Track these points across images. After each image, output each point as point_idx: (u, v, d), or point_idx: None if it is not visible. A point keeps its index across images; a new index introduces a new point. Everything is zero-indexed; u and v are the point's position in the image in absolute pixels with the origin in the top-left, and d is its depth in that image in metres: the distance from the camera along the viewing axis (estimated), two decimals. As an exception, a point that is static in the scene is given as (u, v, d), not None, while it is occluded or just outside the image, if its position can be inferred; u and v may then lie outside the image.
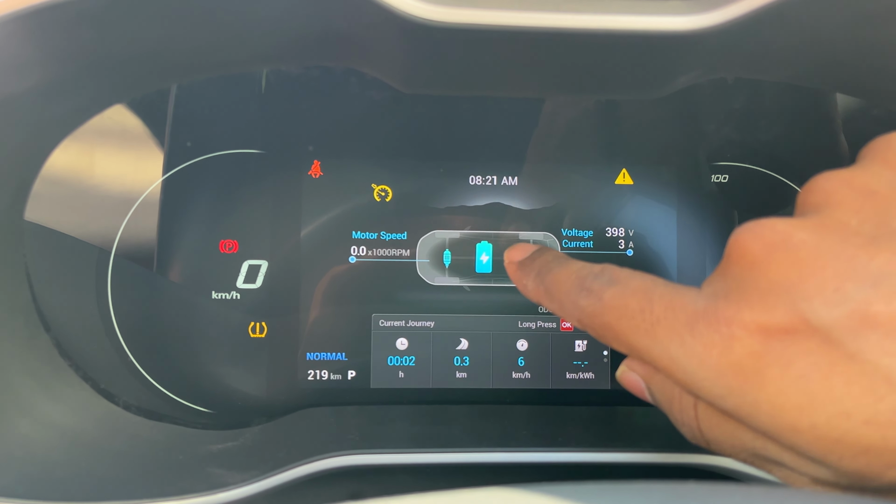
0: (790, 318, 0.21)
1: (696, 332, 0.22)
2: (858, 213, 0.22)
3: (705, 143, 0.48)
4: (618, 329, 0.25)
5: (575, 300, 0.27)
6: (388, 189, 0.46)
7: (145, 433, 0.41)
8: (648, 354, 0.24)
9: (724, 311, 0.22)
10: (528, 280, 0.31)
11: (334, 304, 0.46)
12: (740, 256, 0.23)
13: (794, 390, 0.21)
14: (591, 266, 0.28)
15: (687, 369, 0.23)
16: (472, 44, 0.29)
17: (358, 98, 0.46)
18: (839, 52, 0.31)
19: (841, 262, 0.21)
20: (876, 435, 0.20)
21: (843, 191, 0.23)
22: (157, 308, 0.45)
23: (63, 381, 0.40)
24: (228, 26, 0.30)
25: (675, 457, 0.37)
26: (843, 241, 0.21)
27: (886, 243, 0.21)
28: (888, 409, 0.20)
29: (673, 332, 0.23)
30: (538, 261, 0.31)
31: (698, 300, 0.23)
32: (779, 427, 0.21)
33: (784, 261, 0.22)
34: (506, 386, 0.46)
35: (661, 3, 0.28)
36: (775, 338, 0.21)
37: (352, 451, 0.37)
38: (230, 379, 0.45)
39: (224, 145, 0.45)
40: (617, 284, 0.26)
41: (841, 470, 0.21)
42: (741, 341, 0.21)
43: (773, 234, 0.22)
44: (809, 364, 0.21)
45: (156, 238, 0.45)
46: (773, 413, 0.21)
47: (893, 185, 0.23)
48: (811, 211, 0.23)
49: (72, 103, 0.34)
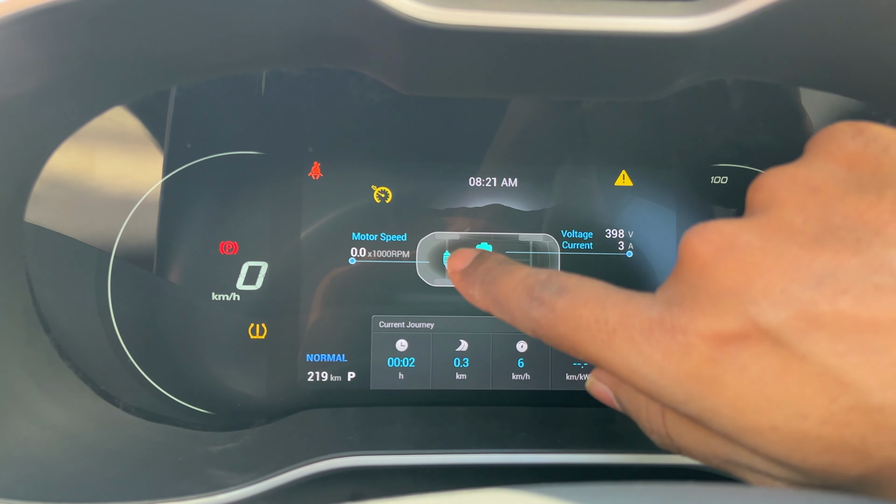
0: (741, 323, 0.21)
1: (652, 340, 0.22)
2: (802, 212, 0.22)
3: (705, 144, 0.48)
4: (573, 340, 0.25)
5: (526, 311, 0.27)
6: (388, 190, 0.46)
7: (145, 434, 0.41)
8: (609, 364, 0.24)
9: (678, 318, 0.22)
10: (473, 290, 0.30)
11: (334, 306, 0.46)
12: (691, 260, 0.23)
13: (751, 393, 0.21)
14: (537, 273, 0.27)
15: (648, 378, 0.23)
16: (472, 46, 0.29)
17: (358, 100, 0.46)
18: (838, 54, 0.31)
19: (785, 263, 0.21)
20: (834, 434, 0.20)
21: (787, 188, 0.23)
22: (157, 309, 0.45)
23: (63, 382, 0.40)
24: (228, 28, 0.30)
25: (675, 458, 0.37)
26: (787, 241, 0.21)
27: (829, 241, 0.21)
28: (841, 410, 0.20)
29: (630, 341, 0.23)
30: (480, 269, 0.30)
31: (653, 307, 0.23)
32: (741, 430, 0.22)
33: (731, 264, 0.22)
34: (505, 387, 0.46)
35: (661, 5, 0.28)
36: (729, 343, 0.21)
37: (351, 452, 0.37)
38: (230, 380, 0.45)
39: (224, 147, 0.46)
40: (567, 293, 0.25)
41: (807, 470, 0.21)
42: (697, 349, 0.21)
43: (720, 236, 0.22)
44: (763, 367, 0.21)
45: (156, 239, 0.45)
46: (733, 416, 0.21)
47: (836, 180, 0.22)
48: (759, 210, 0.23)
49: (72, 105, 0.34)
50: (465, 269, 0.32)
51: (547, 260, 0.46)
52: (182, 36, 0.30)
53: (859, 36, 0.29)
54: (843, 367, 0.20)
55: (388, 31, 0.28)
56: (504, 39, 0.28)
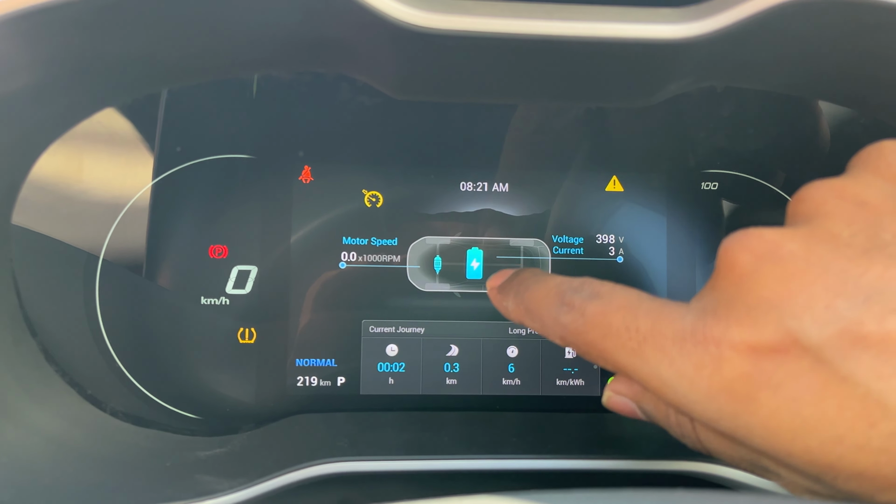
0: (780, 337, 0.20)
1: (684, 351, 0.22)
2: (850, 225, 0.21)
3: (695, 150, 0.48)
4: (602, 347, 0.24)
5: (556, 317, 0.26)
6: (378, 195, 0.46)
7: (132, 439, 0.40)
8: (637, 374, 0.23)
9: (712, 328, 0.21)
10: (507, 301, 0.30)
11: (324, 310, 0.45)
12: (729, 269, 0.22)
13: (786, 414, 0.20)
14: (570, 280, 0.27)
15: (678, 391, 0.22)
16: (464, 51, 0.29)
17: (349, 104, 0.46)
18: (829, 62, 0.31)
19: (831, 277, 0.20)
20: (868, 461, 0.19)
21: (833, 201, 0.22)
22: (146, 313, 0.44)
23: (49, 386, 0.40)
24: (219, 31, 0.30)
25: (665, 464, 0.37)
26: (834, 253, 0.20)
27: (878, 256, 0.20)
28: (880, 436, 0.19)
29: (661, 351, 0.22)
30: (515, 280, 0.30)
31: (686, 316, 0.22)
32: (773, 450, 0.21)
33: (773, 274, 0.21)
34: (496, 393, 0.46)
35: (652, 12, 0.28)
36: (765, 358, 0.20)
37: (341, 457, 0.36)
38: (219, 385, 0.45)
39: (214, 150, 0.45)
40: (599, 299, 0.25)
41: (836, 488, 0.21)
42: (730, 362, 0.21)
43: (762, 243, 0.21)
44: (801, 386, 0.20)
45: (145, 243, 0.44)
46: (766, 437, 0.21)
47: (885, 196, 0.22)
48: (801, 221, 0.22)
49: (61, 107, 0.34)
50: (503, 283, 0.31)
51: (537, 265, 0.46)
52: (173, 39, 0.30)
53: (849, 44, 0.29)
54: (886, 391, 0.19)
55: (379, 36, 0.28)
56: (495, 45, 0.28)
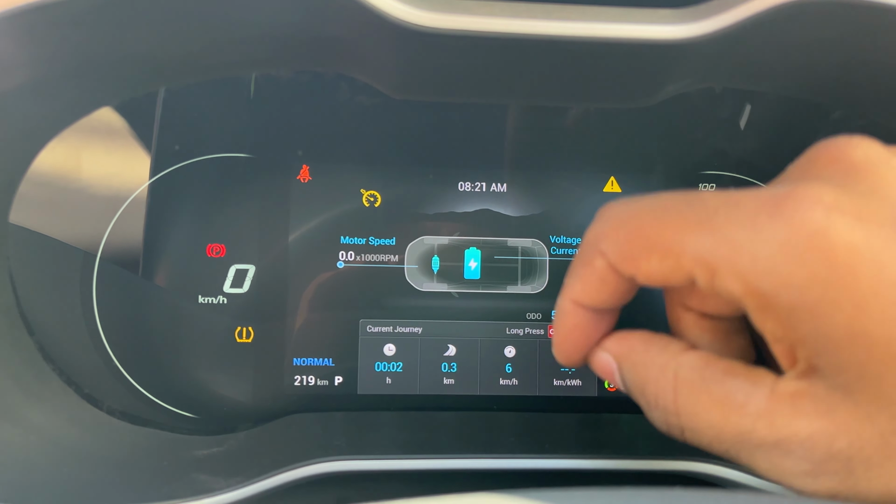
0: (892, 213, 0.19)
1: (778, 212, 0.20)
2: None
3: (693, 152, 0.48)
4: (650, 230, 0.22)
5: (591, 226, 0.25)
6: (376, 194, 0.46)
7: (129, 438, 0.40)
8: (695, 248, 0.21)
9: (824, 194, 0.20)
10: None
11: (322, 310, 0.45)
12: (834, 159, 0.21)
13: (887, 297, 0.19)
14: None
15: (758, 254, 0.20)
16: (463, 50, 0.29)
17: (348, 103, 0.46)
18: (826, 64, 0.31)
19: None
20: None
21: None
22: (143, 312, 0.44)
23: (46, 385, 0.40)
24: (218, 30, 0.30)
25: (662, 464, 0.37)
26: None
27: None
28: None
29: (736, 220, 0.21)
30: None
31: (774, 188, 0.21)
32: (851, 335, 0.19)
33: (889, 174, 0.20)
34: (493, 392, 0.46)
35: (651, 13, 0.28)
36: (875, 235, 0.19)
37: (338, 457, 0.36)
38: (216, 384, 0.45)
39: (212, 149, 0.45)
40: (645, 197, 0.23)
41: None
42: (837, 229, 0.19)
43: (876, 150, 0.21)
44: None
45: (142, 242, 0.44)
46: (853, 315, 0.19)
47: None
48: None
49: (59, 105, 0.34)
50: None
51: (535, 265, 0.46)
52: (171, 37, 0.30)
53: (848, 45, 0.30)
54: None
55: (378, 35, 0.28)
56: (495, 44, 0.28)
